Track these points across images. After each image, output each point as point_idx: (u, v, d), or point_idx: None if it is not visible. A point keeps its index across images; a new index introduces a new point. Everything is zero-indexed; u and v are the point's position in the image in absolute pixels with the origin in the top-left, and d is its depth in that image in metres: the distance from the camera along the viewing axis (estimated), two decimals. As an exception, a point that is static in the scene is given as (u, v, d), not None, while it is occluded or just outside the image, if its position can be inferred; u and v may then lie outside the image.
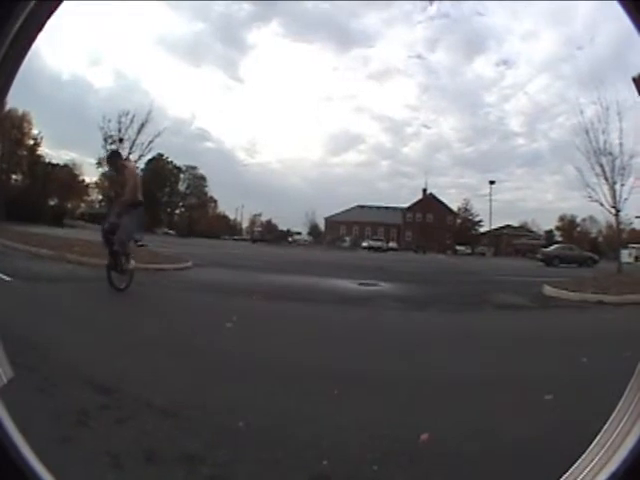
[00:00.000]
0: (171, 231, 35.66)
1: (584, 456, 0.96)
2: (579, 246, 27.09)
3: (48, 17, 0.83)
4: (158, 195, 38.10)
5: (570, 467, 0.97)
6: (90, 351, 3.76)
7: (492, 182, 37.46)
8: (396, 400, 3.04)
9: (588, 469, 0.93)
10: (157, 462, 2.09)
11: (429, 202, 41.62)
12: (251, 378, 3.35)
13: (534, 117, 51.41)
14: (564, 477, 0.97)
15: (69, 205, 35.18)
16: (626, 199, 13.00)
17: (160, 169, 36.60)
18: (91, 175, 32.75)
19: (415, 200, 42.39)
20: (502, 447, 2.39)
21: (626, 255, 34.00)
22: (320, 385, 3.21)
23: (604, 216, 14.68)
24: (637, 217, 37.03)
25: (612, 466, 0.88)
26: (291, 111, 53.09)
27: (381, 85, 54.69)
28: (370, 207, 41.21)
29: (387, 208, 41.07)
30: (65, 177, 32.51)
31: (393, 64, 57.90)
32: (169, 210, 40.58)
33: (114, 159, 6.95)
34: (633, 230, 39.61)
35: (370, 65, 60.11)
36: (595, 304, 8.14)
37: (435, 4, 50.23)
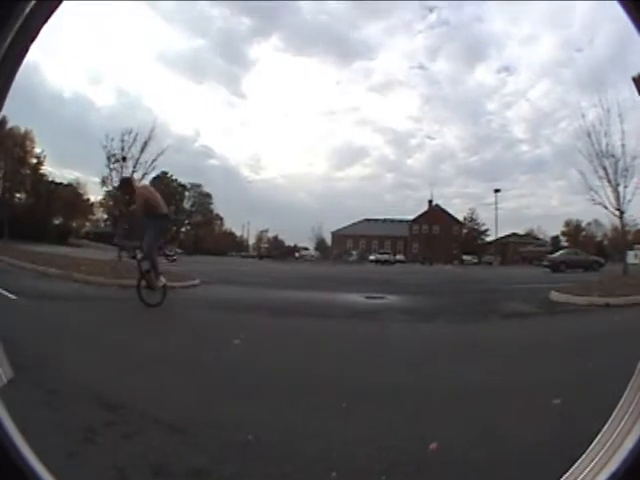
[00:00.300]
0: (178, 249, 36.00)
1: (584, 456, 0.96)
2: (585, 250, 26.90)
3: (48, 17, 0.85)
4: None
5: (570, 467, 0.97)
6: (98, 369, 3.77)
7: (497, 190, 37.31)
8: (403, 411, 3.01)
9: (588, 469, 0.93)
10: (164, 476, 2.08)
11: (435, 213, 41.54)
12: (259, 393, 3.34)
13: (536, 123, 51.19)
14: (564, 477, 0.97)
15: (74, 224, 35.59)
16: (630, 200, 12.89)
17: (165, 187, 37.08)
18: (96, 194, 32.87)
19: (421, 212, 42.35)
20: (507, 454, 2.36)
21: (632, 256, 33.57)
22: (328, 399, 3.18)
23: (609, 219, 14.53)
24: None
25: (612, 466, 0.88)
26: (294, 126, 53.45)
27: (383, 97, 54.45)
28: (376, 220, 41.16)
29: (393, 221, 41.09)
30: (69, 196, 32.83)
31: (395, 75, 58.23)
32: (175, 228, 41.07)
33: (124, 186, 7.18)
34: (639, 231, 39.34)
35: (372, 77, 60.44)
36: (602, 307, 8.10)
37: (435, 11, 50.06)
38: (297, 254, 28.58)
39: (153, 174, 17.90)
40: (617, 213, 13.00)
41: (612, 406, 2.99)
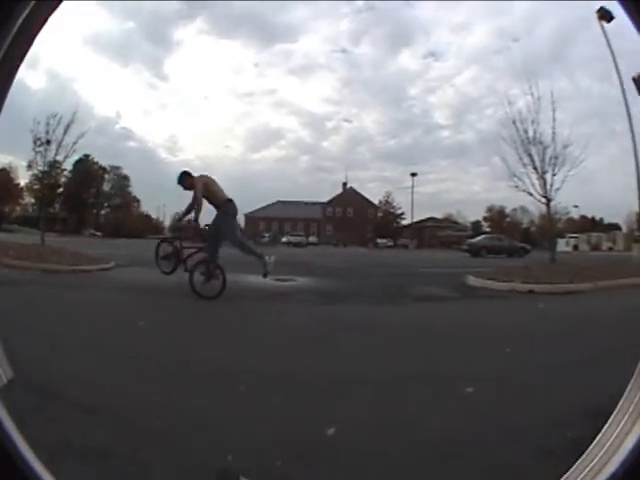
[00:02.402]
0: (97, 232, 35.44)
1: (584, 456, 0.96)
2: (509, 236, 26.42)
3: (48, 17, 0.85)
4: (84, 196, 38.28)
5: (570, 467, 0.97)
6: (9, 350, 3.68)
7: (414, 174, 37.24)
8: (303, 396, 2.97)
9: (588, 469, 0.93)
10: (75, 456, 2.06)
11: (349, 196, 41.60)
12: (159, 376, 3.26)
13: (461, 109, 50.74)
14: (564, 477, 0.97)
15: (6, 209, 34.91)
16: (558, 188, 12.89)
17: (86, 170, 36.50)
18: (25, 178, 32.61)
19: (335, 194, 42.29)
20: (414, 442, 2.34)
21: (564, 244, 33.65)
22: (225, 382, 3.14)
23: (536, 206, 14.43)
24: (575, 206, 37.01)
25: (612, 466, 0.88)
26: (212, 108, 53.07)
27: (302, 80, 52.94)
28: (290, 202, 40.58)
29: (307, 203, 40.91)
30: (2, 180, 31.88)
31: (315, 58, 57.55)
32: (95, 211, 40.39)
33: (183, 179, 7.25)
34: (570, 219, 39.46)
35: (292, 60, 59.27)
36: (525, 294, 7.83)
37: None
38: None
39: (75, 157, 18.11)
40: (543, 200, 13.00)
41: (524, 394, 2.95)
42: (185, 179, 7.20)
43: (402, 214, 42.22)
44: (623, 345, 4.19)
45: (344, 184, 42.84)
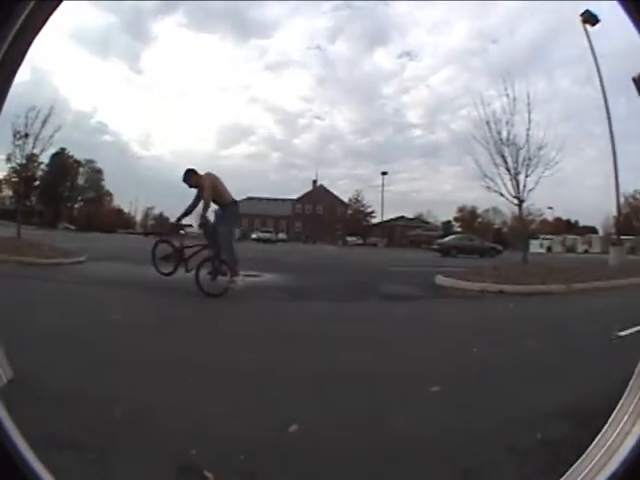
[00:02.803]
0: (71, 226, 35.76)
1: (584, 456, 0.96)
2: (481, 237, 26.92)
3: (48, 17, 0.85)
4: (60, 190, 38.87)
5: (570, 467, 0.97)
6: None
7: (384, 173, 37.93)
8: (265, 392, 2.96)
9: (588, 469, 0.93)
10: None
11: (319, 193, 42.22)
12: (128, 368, 3.27)
13: (435, 109, 51.44)
14: (564, 477, 0.97)
15: None
16: (531, 190, 12.87)
17: (62, 164, 36.82)
18: (3, 171, 32.83)
19: (305, 192, 42.88)
20: (374, 438, 2.34)
21: (537, 245, 33.79)
22: (186, 376, 3.11)
23: (509, 207, 14.44)
24: (549, 208, 37.23)
25: (612, 466, 0.88)
26: (186, 103, 53.37)
27: (277, 76, 54.95)
28: (260, 199, 41.14)
29: (277, 200, 41.28)
30: None
31: (290, 55, 58.49)
32: (69, 205, 40.85)
33: (188, 177, 7.19)
34: (544, 221, 39.64)
35: (267, 56, 59.48)
36: (496, 294, 7.79)
37: None
38: (182, 231, 29.26)
39: (52, 150, 18.20)
40: (515, 201, 12.99)
41: (486, 394, 2.97)
42: (190, 177, 7.13)
43: (372, 212, 42.56)
44: (588, 347, 4.27)
45: (314, 181, 43.28)
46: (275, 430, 2.35)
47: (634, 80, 1.36)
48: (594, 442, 0.96)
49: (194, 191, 7.12)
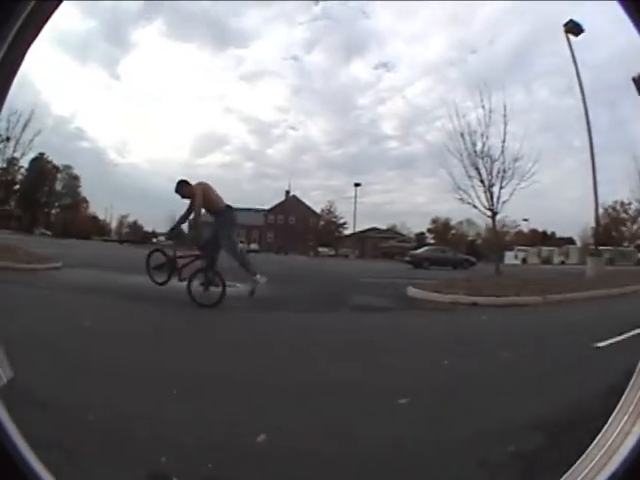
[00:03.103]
0: (47, 232, 35.62)
1: (584, 456, 0.96)
2: (454, 248, 26.85)
3: (48, 17, 0.86)
4: (38, 195, 38.67)
5: (570, 467, 0.97)
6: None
7: (358, 184, 37.75)
8: (233, 401, 2.96)
9: (588, 469, 0.93)
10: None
11: (291, 204, 41.76)
12: (102, 375, 3.24)
13: (410, 120, 50.98)
14: (564, 477, 0.97)
15: None
16: (505, 201, 12.79)
17: (41, 169, 36.69)
18: None
19: (277, 202, 42.51)
20: (339, 455, 2.30)
21: (512, 257, 33.74)
22: (158, 385, 3.13)
23: (483, 219, 14.42)
24: (524, 220, 37.22)
25: (612, 466, 0.88)
26: (163, 111, 52.72)
27: (252, 86, 54.08)
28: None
29: (249, 210, 40.91)
30: None
31: (266, 65, 57.62)
32: (46, 210, 40.65)
33: (180, 188, 7.18)
34: (520, 232, 39.67)
35: (243, 65, 58.35)
36: (469, 306, 7.64)
37: (321, 4, 49.75)
38: (155, 239, 29.51)
39: (31, 155, 18.21)
40: (489, 213, 12.94)
41: (456, 405, 2.98)
42: (182, 187, 7.10)
43: (344, 224, 42.35)
44: (563, 358, 4.25)
45: (287, 192, 42.96)
46: (243, 437, 2.36)
47: (634, 80, 1.36)
48: (594, 442, 0.96)
49: (177, 200, 7.13)
